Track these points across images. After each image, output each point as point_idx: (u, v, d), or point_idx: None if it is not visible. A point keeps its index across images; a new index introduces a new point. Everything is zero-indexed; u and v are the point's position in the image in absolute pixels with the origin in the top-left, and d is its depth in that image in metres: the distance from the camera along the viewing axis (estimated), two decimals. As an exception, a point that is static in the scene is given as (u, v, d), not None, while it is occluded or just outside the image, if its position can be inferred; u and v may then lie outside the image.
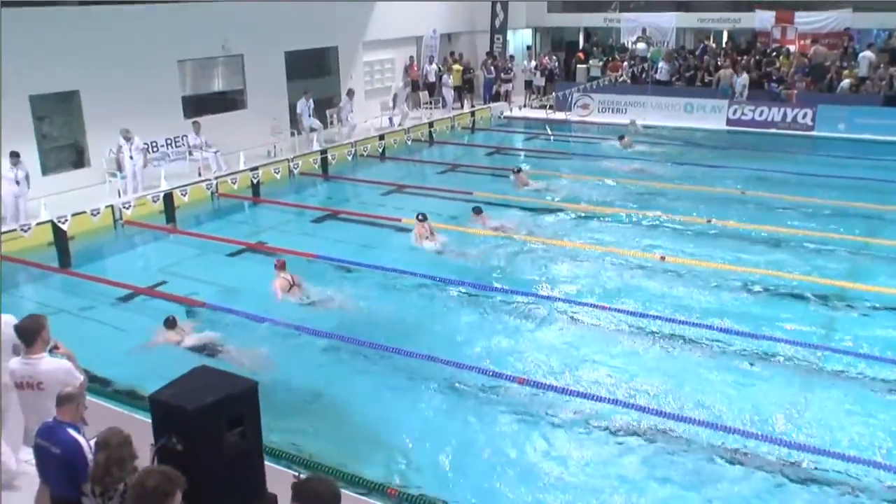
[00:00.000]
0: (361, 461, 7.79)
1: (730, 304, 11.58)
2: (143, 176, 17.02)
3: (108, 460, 4.96)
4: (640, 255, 13.46)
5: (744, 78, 24.96)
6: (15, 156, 14.65)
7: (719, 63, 26.40)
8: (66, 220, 14.39)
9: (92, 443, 5.48)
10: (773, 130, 23.93)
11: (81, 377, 6.08)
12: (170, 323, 10.47)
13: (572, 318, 11.20)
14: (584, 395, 8.96)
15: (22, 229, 14.08)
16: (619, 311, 11.19)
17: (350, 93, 23.03)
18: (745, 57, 26.57)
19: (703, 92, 25.76)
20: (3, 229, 14.06)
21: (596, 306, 11.38)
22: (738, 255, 13.44)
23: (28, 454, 6.94)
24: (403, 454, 8.02)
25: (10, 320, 6.92)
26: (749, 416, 8.56)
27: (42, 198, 15.08)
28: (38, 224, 14.34)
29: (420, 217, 14.16)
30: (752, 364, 9.78)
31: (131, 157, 16.83)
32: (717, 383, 9.34)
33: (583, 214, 16.07)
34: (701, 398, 8.94)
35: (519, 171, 18.53)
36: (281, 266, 11.95)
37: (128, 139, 16.72)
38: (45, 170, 16.94)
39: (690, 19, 29.33)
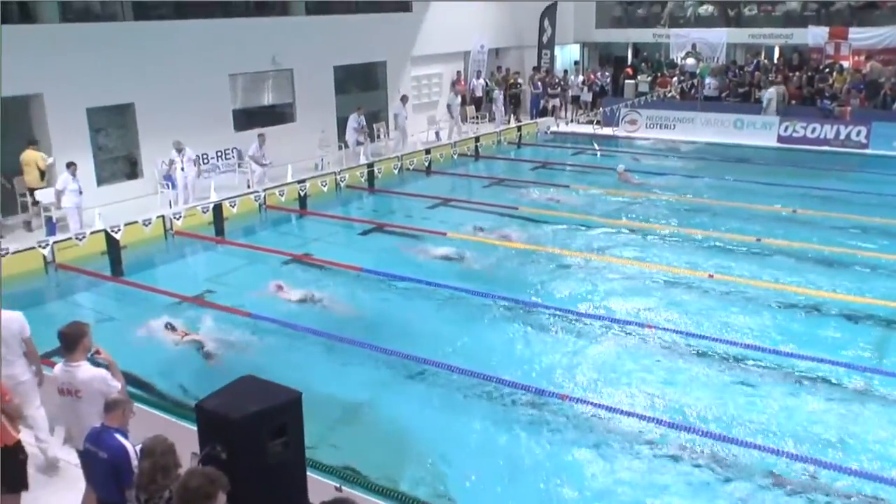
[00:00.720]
0: (402, 476, 7.78)
1: (779, 324, 11.32)
2: (195, 187, 17.32)
3: (152, 468, 5.03)
4: (687, 273, 13.27)
5: (770, 92, 24.63)
6: (72, 165, 15.02)
7: (770, 79, 26.01)
8: (119, 230, 14.73)
9: (138, 448, 5.57)
10: (826, 148, 23.45)
11: (118, 386, 6.15)
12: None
13: (617, 334, 11.06)
14: (630, 414, 8.84)
15: (77, 238, 14.43)
16: (665, 329, 11.04)
17: (404, 99, 23.29)
18: (797, 73, 26.16)
19: (753, 108, 25.42)
20: (59, 238, 14.43)
21: (642, 324, 11.24)
22: (788, 274, 13.18)
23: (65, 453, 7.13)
24: (444, 469, 7.99)
25: (12, 317, 7.21)
26: (800, 440, 8.35)
27: (96, 208, 15.45)
28: (92, 233, 14.69)
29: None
30: (801, 385, 9.55)
31: (182, 169, 17.15)
32: (765, 405, 9.14)
33: (629, 230, 15.93)
34: (749, 419, 8.76)
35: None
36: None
37: (179, 151, 17.04)
38: (100, 180, 17.37)
39: (741, 35, 28.96)
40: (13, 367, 7.11)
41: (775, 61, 28.23)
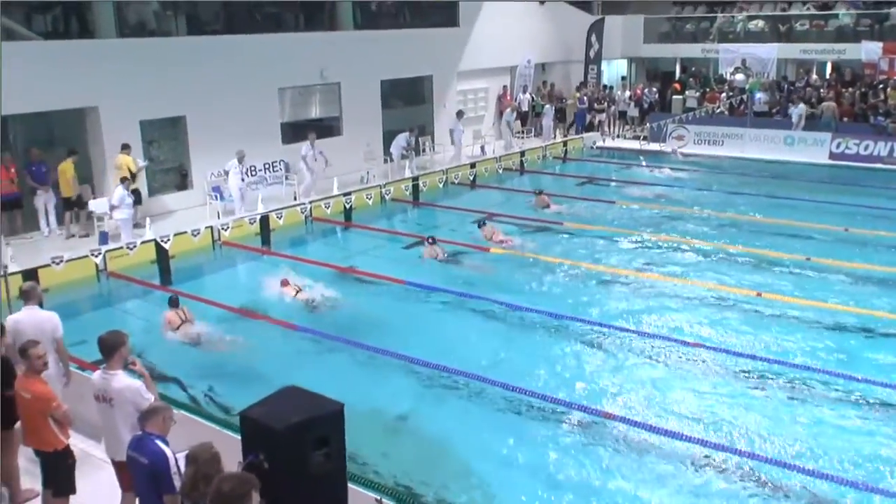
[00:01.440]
0: (443, 490, 7.77)
1: (829, 345, 11.08)
2: (247, 198, 17.59)
3: (195, 475, 5.09)
4: (735, 291, 13.07)
5: (800, 108, 24.19)
6: (126, 181, 15.35)
7: (822, 95, 25.57)
8: (169, 240, 15.02)
9: (181, 456, 5.66)
10: (879, 165, 22.94)
11: (151, 398, 6.22)
12: (173, 301, 11.57)
13: (663, 352, 10.92)
14: (675, 435, 8.71)
15: (128, 248, 14.75)
16: (712, 347, 10.87)
17: (460, 114, 23.58)
18: (849, 89, 25.67)
19: (805, 125, 24.94)
20: (111, 247, 14.77)
21: (687, 342, 11.08)
22: (839, 294, 12.90)
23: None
24: (485, 485, 7.96)
25: (47, 317, 7.62)
26: (854, 465, 8.16)
27: (147, 218, 15.78)
28: (142, 243, 15.01)
29: (430, 240, 15.16)
30: (854, 407, 9.33)
31: (243, 179, 17.49)
32: (815, 426, 8.95)
33: (675, 246, 15.76)
34: (801, 445, 8.58)
35: (540, 192, 19.15)
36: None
37: (241, 160, 17.40)
38: (151, 191, 17.74)
39: (792, 50, 28.55)
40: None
41: (827, 77, 27.74)
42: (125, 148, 16.42)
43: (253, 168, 18.92)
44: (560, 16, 29.44)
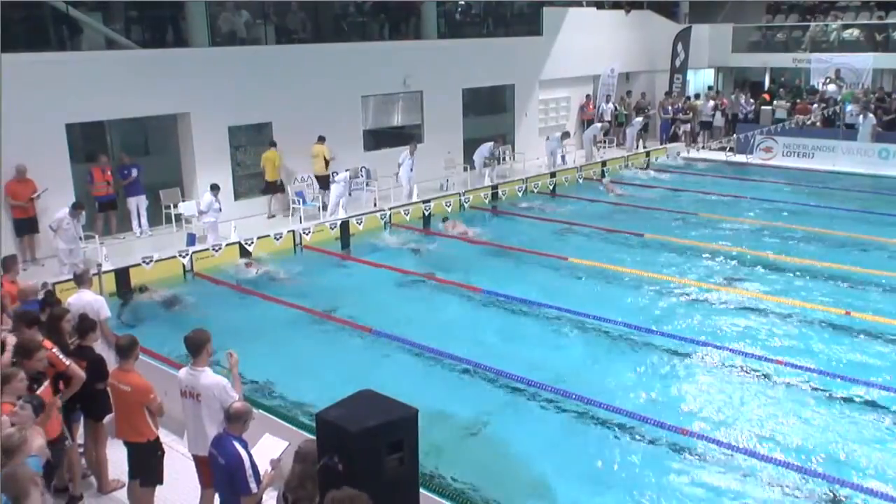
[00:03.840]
0: (517, 501, 7.74)
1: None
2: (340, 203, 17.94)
3: (303, 474, 5.22)
4: (824, 309, 12.62)
5: (870, 118, 23.16)
6: (216, 189, 15.86)
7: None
8: (253, 243, 15.43)
9: (254, 453, 5.80)
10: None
11: (237, 395, 6.39)
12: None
13: (745, 369, 10.63)
14: (753, 454, 8.49)
15: (213, 249, 15.21)
16: (799, 367, 10.51)
17: (566, 135, 23.77)
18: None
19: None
20: (198, 248, 15.26)
21: (772, 360, 10.75)
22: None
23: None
24: (556, 497, 7.89)
25: (94, 299, 8.41)
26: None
27: (232, 221, 16.24)
28: (227, 245, 15.46)
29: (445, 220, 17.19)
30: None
31: (350, 193, 18.11)
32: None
33: (761, 261, 15.30)
34: (885, 468, 8.24)
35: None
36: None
37: (354, 176, 18.15)
38: (237, 195, 18.23)
39: (889, 60, 27.43)
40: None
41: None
42: (321, 139, 18.44)
43: (335, 174, 19.23)
44: (645, 24, 29.04)
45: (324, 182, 18.66)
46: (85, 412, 7.55)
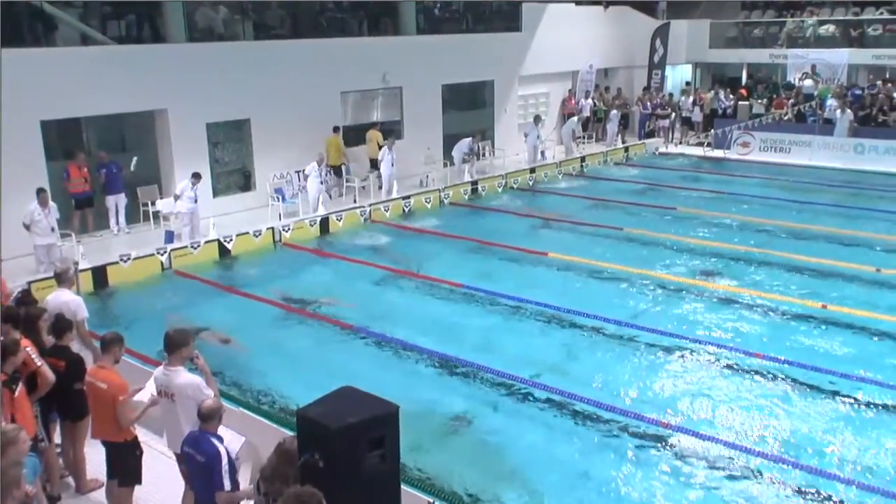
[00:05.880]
0: (496, 496, 7.76)
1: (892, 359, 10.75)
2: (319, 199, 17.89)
3: (275, 470, 5.23)
4: (799, 302, 12.75)
5: (847, 114, 23.44)
6: (197, 177, 15.72)
7: (894, 103, 24.76)
8: (231, 240, 15.36)
9: (232, 451, 5.78)
10: (956, 175, 22.14)
11: (211, 394, 6.35)
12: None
13: (723, 362, 10.72)
14: (734, 446, 8.58)
15: (192, 247, 15.12)
16: (777, 360, 10.61)
17: (537, 119, 23.66)
18: (925, 96, 24.83)
19: (875, 133, 24.21)
20: (176, 246, 15.16)
21: (749, 352, 10.86)
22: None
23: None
24: (538, 492, 7.92)
25: (72, 299, 8.18)
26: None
27: (211, 218, 16.14)
28: (206, 242, 15.37)
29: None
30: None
31: (322, 182, 17.91)
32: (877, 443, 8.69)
33: (737, 256, 15.43)
34: (864, 461, 8.35)
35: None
36: None
37: (320, 163, 17.75)
38: (216, 192, 18.12)
39: (864, 56, 27.73)
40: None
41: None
42: (373, 125, 20.54)
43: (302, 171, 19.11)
44: (624, 20, 29.16)
45: (374, 164, 20.07)
46: (62, 412, 7.48)
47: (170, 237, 15.63)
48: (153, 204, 16.55)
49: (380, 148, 19.74)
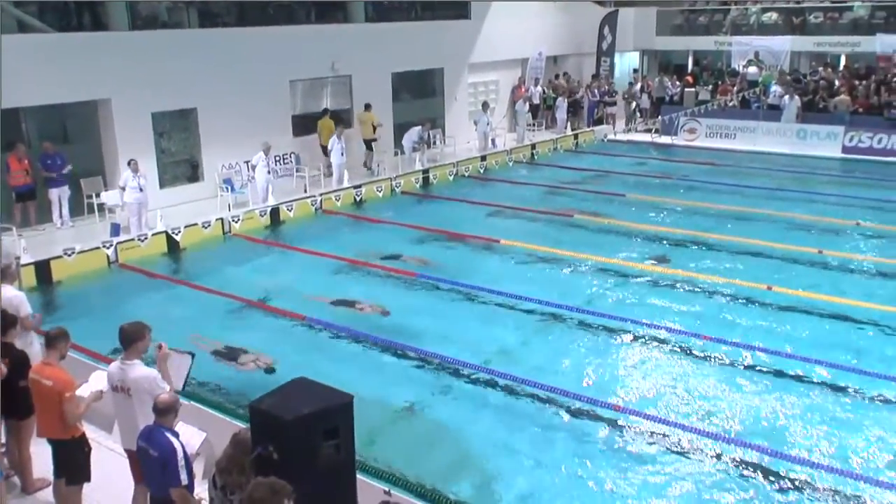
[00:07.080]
0: (451, 481, 7.80)
1: (839, 339, 11.05)
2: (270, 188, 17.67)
3: (231, 461, 5.19)
4: (745, 284, 13.02)
5: (795, 100, 24.24)
6: (133, 164, 15.27)
7: (835, 89, 25.38)
8: (180, 232, 15.10)
9: (188, 447, 5.70)
10: (893, 159, 22.75)
11: (167, 387, 6.23)
12: None
13: (670, 345, 10.92)
14: (681, 426, 8.75)
15: (139, 239, 14.83)
16: (721, 341, 10.84)
17: (485, 105, 23.73)
18: (863, 82, 25.47)
19: (817, 118, 24.80)
20: (122, 238, 14.85)
21: (697, 335, 11.06)
22: (852, 287, 12.85)
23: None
24: (493, 476, 7.99)
25: (15, 295, 8.03)
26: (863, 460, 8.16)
27: (158, 209, 15.85)
28: (153, 234, 15.09)
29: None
30: (862, 402, 9.32)
31: (269, 172, 17.68)
32: (826, 423, 8.94)
33: (686, 239, 15.71)
34: (807, 438, 8.60)
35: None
36: None
37: (267, 152, 17.49)
38: (163, 183, 17.79)
39: (806, 43, 28.36)
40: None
41: (841, 70, 27.52)
42: (367, 107, 20.83)
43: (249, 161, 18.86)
44: (572, 8, 29.33)
45: (368, 145, 20.95)
46: (7, 411, 7.28)
47: (116, 230, 15.29)
48: (98, 196, 16.18)
49: (374, 129, 20.43)
